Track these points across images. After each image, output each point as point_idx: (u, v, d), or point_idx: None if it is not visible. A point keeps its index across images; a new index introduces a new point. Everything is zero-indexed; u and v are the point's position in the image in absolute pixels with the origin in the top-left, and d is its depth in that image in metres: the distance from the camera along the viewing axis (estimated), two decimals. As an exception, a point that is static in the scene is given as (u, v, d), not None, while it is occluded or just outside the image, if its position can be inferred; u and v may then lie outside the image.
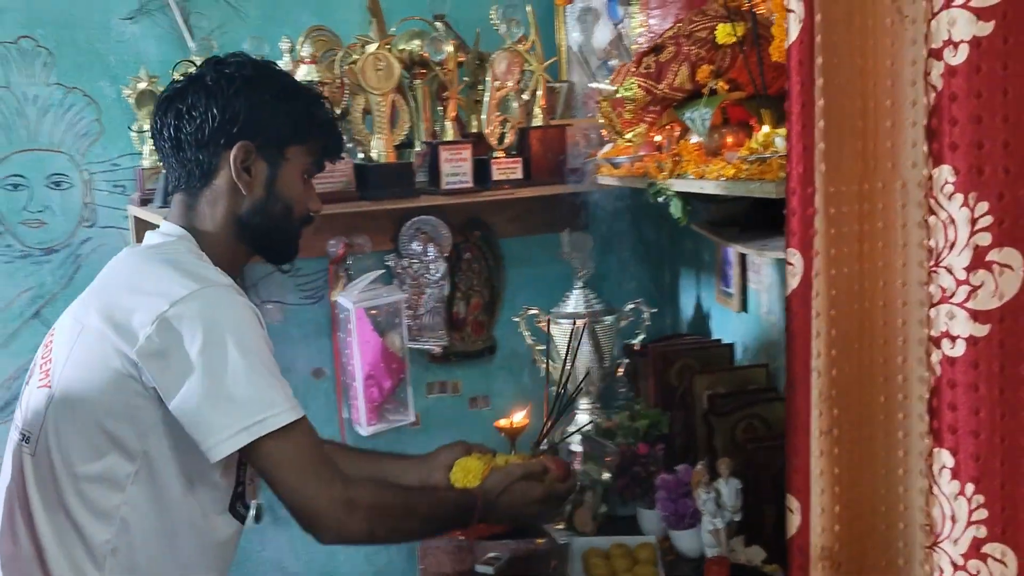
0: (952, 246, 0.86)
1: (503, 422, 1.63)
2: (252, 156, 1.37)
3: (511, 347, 2.39)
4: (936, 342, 0.90)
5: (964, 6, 0.82)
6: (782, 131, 1.30)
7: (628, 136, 1.53)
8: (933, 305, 0.89)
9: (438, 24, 2.09)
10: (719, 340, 2.19)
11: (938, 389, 0.90)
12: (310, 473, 1.30)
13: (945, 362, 0.89)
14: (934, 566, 0.92)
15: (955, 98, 0.84)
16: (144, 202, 1.91)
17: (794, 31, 0.93)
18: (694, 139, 1.48)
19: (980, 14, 0.80)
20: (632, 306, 2.21)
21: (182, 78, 1.40)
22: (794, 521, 0.98)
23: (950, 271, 0.87)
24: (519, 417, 1.63)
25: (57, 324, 1.42)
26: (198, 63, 1.83)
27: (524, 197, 2.11)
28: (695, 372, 2.00)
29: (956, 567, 0.89)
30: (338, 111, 1.89)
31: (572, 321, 2.15)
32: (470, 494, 1.47)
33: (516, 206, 2.29)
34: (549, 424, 1.61)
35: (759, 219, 1.66)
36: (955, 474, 0.89)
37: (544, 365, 2.28)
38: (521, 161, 2.01)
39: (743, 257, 2.05)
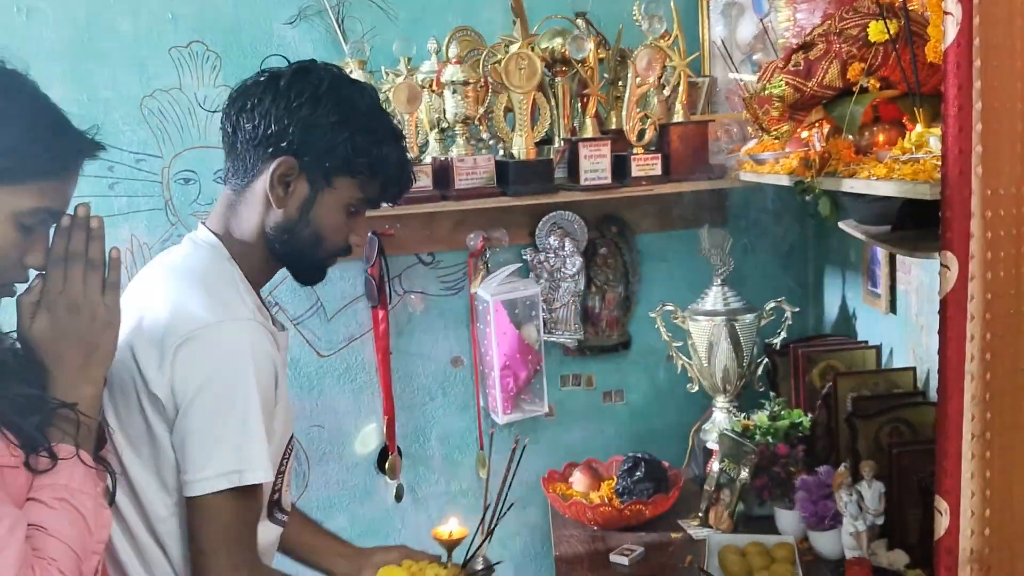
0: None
1: (441, 531, 1.65)
2: (294, 173, 1.33)
3: (646, 343, 2.43)
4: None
5: None
6: (936, 130, 1.30)
7: (774, 133, 1.55)
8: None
9: (579, 22, 2.15)
10: (865, 342, 2.17)
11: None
12: (232, 545, 1.27)
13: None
14: None
15: None
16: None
17: (951, 33, 0.94)
18: (844, 137, 1.50)
19: None
20: (773, 305, 2.21)
21: (262, 77, 1.35)
22: (943, 523, 1.00)
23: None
24: (456, 528, 1.64)
25: None
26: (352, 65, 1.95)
27: (662, 193, 2.16)
28: (839, 373, 1.99)
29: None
30: (481, 109, 1.98)
31: (709, 319, 2.20)
32: None
33: (654, 202, 2.33)
34: (482, 540, 1.57)
35: (910, 218, 1.65)
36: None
37: (680, 362, 2.34)
38: (660, 157, 2.05)
39: (892, 257, 2.03)
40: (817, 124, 1.56)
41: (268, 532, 1.41)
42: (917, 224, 1.63)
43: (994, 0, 0.94)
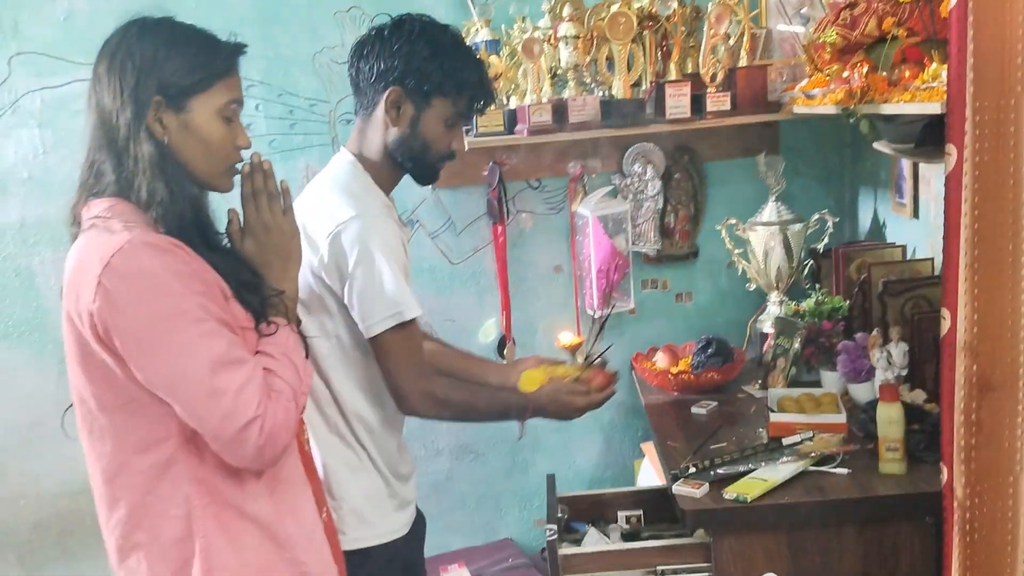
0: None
1: (563, 340, 2.19)
2: (402, 98, 1.72)
3: (711, 253, 2.95)
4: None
5: None
6: (946, 66, 1.80)
7: (826, 72, 2.05)
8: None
9: (662, -16, 2.65)
10: (893, 243, 2.68)
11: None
12: (410, 364, 1.71)
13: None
14: None
15: None
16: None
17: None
18: (880, 73, 2.00)
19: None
20: (817, 216, 2.72)
21: (375, 30, 1.76)
22: (945, 326, 1.51)
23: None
24: (574, 338, 2.21)
25: None
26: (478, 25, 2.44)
27: (726, 126, 2.66)
28: (872, 264, 2.50)
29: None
30: (588, 59, 2.50)
31: (766, 228, 2.71)
32: (524, 398, 1.88)
33: (719, 134, 2.83)
34: (593, 345, 2.10)
35: (929, 137, 2.16)
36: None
37: (741, 266, 2.86)
38: (729, 95, 2.55)
39: (916, 172, 2.53)
40: (858, 64, 2.06)
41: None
42: (934, 141, 2.15)
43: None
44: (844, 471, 1.95)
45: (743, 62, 2.58)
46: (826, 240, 2.71)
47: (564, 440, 2.93)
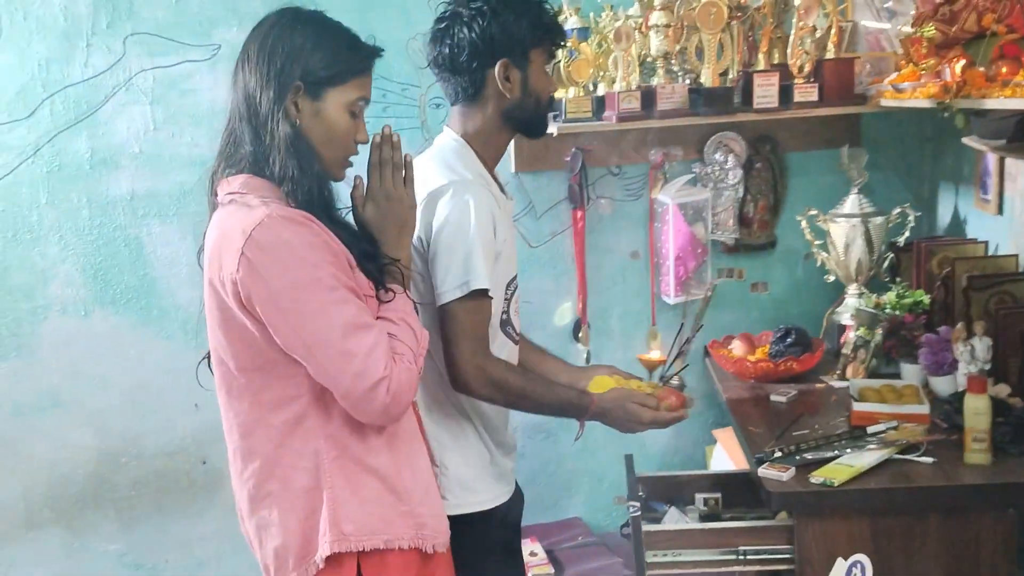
0: None
1: (645, 356, 2.20)
2: (508, 68, 1.78)
3: (788, 244, 2.97)
4: None
5: None
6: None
7: (923, 66, 2.07)
8: None
9: (747, -24, 2.68)
10: (975, 239, 2.68)
11: None
12: (471, 338, 1.74)
13: None
14: None
15: None
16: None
17: None
18: (978, 68, 2.01)
19: None
20: (899, 210, 2.73)
21: (446, 19, 1.80)
22: None
23: None
24: (656, 354, 2.20)
25: None
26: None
27: (809, 117, 2.68)
28: (957, 259, 2.51)
29: None
30: (677, 47, 2.54)
31: (847, 221, 2.73)
32: (588, 398, 1.87)
33: (800, 125, 2.84)
34: (673, 361, 2.06)
35: (1022, 135, 2.17)
36: None
37: (820, 257, 2.88)
38: (817, 87, 2.57)
39: (1002, 168, 2.53)
40: (955, 59, 2.07)
41: (504, 345, 1.88)
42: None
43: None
44: (929, 460, 1.98)
45: (830, 54, 2.60)
46: (907, 234, 2.72)
47: (636, 425, 2.99)
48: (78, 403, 2.83)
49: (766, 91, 2.52)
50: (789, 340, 2.62)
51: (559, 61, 2.46)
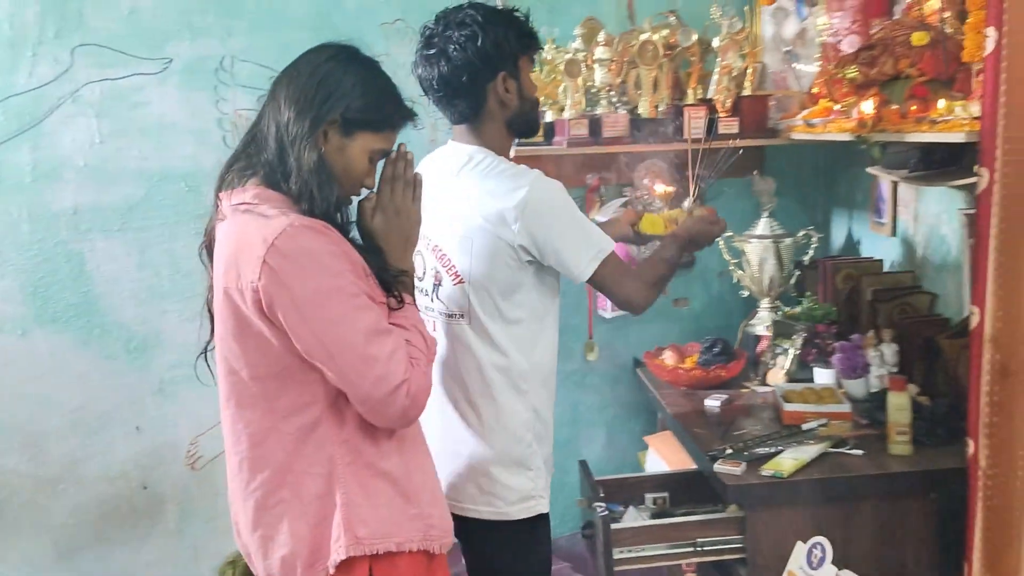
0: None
1: (659, 189, 2.57)
2: (507, 79, 1.89)
3: (705, 263, 3.21)
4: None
5: None
6: (959, 103, 2.10)
7: (844, 104, 2.34)
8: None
9: (672, 18, 2.92)
10: (871, 257, 3.00)
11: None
12: (627, 279, 1.97)
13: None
14: None
15: None
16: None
17: (991, 46, 1.72)
18: (892, 107, 2.29)
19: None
20: (804, 232, 3.02)
21: (436, 41, 1.88)
22: (974, 320, 1.80)
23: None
24: (662, 189, 2.58)
25: (435, 239, 1.96)
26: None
27: (722, 147, 2.93)
28: (863, 274, 2.81)
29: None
30: (618, 80, 2.73)
31: (760, 241, 2.99)
32: (679, 237, 2.13)
33: (716, 154, 3.10)
34: (695, 186, 2.41)
35: (922, 164, 2.47)
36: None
37: (736, 274, 3.12)
38: (737, 120, 2.83)
39: (895, 194, 2.86)
40: (873, 98, 2.35)
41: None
42: (926, 167, 2.46)
43: (1014, 29, 1.73)
44: (859, 452, 2.22)
45: (747, 92, 2.86)
46: (811, 253, 3.01)
47: (570, 436, 3.14)
48: (15, 427, 2.72)
49: (696, 123, 2.75)
50: (716, 350, 2.84)
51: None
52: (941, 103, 2.16)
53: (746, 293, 3.06)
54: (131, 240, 2.74)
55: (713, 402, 2.65)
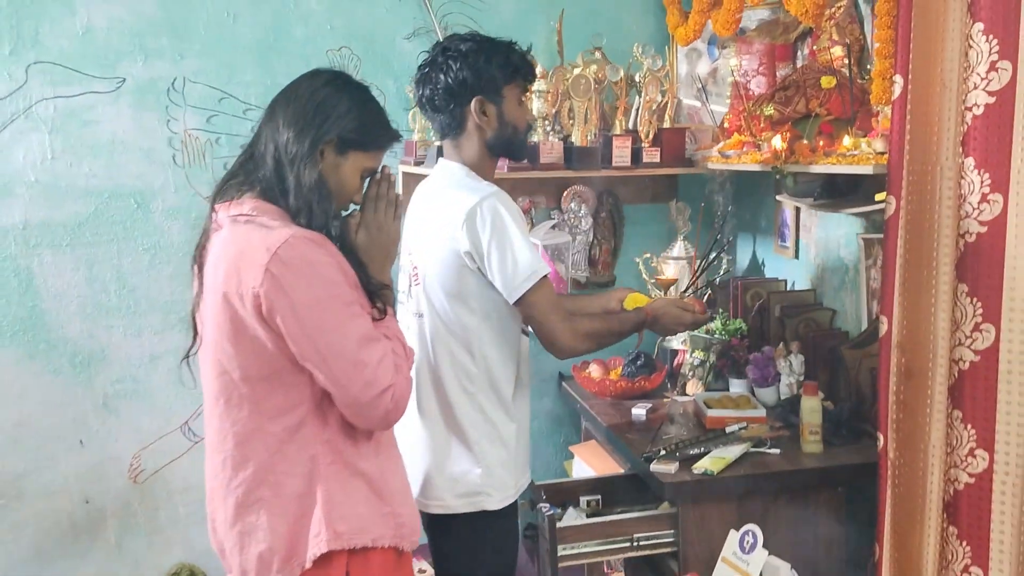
0: (967, 195, 1.92)
1: (660, 277, 2.72)
2: (484, 104, 2.01)
3: (624, 281, 3.39)
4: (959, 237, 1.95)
5: (977, 88, 1.88)
6: (864, 140, 2.36)
7: (762, 138, 2.57)
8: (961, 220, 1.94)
9: (597, 54, 3.12)
10: (776, 277, 3.26)
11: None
12: (555, 312, 2.00)
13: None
14: (958, 358, 1.96)
15: (976, 127, 1.89)
16: (417, 163, 2.89)
17: (898, 90, 1.97)
18: (804, 141, 2.54)
19: (990, 93, 1.85)
20: (715, 254, 3.26)
21: (426, 65, 2.04)
22: (883, 329, 2.03)
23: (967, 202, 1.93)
24: (670, 274, 2.68)
25: (411, 243, 2.11)
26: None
27: (641, 175, 3.14)
28: (771, 293, 3.05)
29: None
30: (553, 110, 2.90)
31: (679, 261, 3.21)
32: (643, 312, 2.24)
33: (635, 182, 3.31)
34: (695, 277, 2.56)
35: (825, 193, 2.74)
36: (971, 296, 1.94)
37: (655, 293, 3.32)
38: (659, 150, 3.04)
39: (798, 220, 3.12)
40: (787, 133, 2.59)
41: (523, 341, 2.14)
42: (829, 196, 2.72)
43: (919, 76, 1.97)
44: (776, 451, 2.43)
45: (667, 124, 3.08)
46: (721, 274, 3.25)
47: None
48: (-45, 442, 2.64)
49: (622, 152, 2.94)
50: (640, 362, 3.03)
51: (531, 93, 2.70)
52: (847, 139, 2.42)
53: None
54: (79, 256, 2.72)
55: (640, 411, 2.82)
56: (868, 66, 2.57)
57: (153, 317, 2.74)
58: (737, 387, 2.89)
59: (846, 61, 2.54)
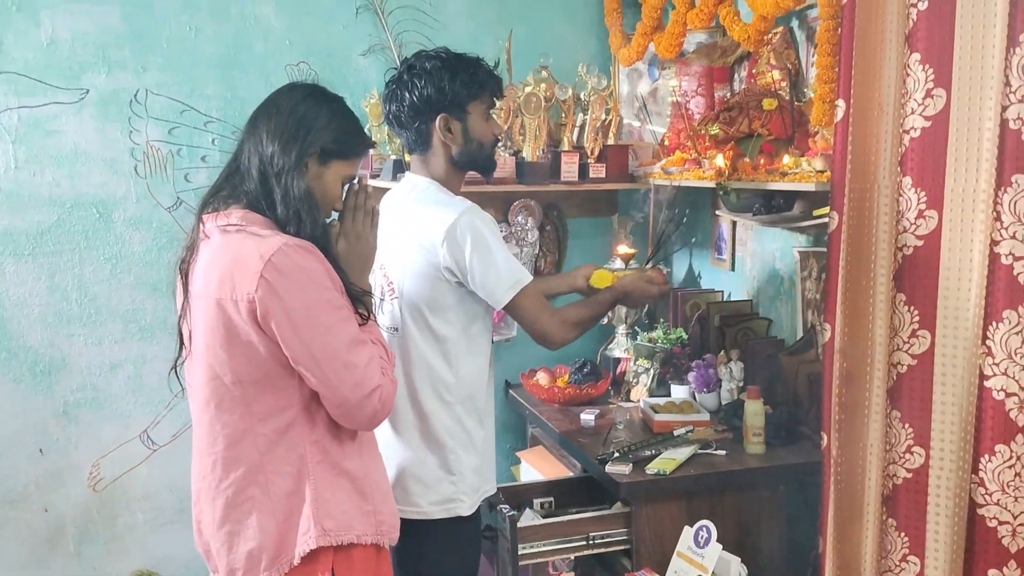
0: (905, 211, 2.06)
1: (621, 250, 2.83)
2: (448, 121, 2.04)
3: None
4: (896, 250, 2.08)
5: (914, 113, 2.02)
6: (804, 159, 2.50)
7: (707, 156, 2.69)
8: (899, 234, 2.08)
9: (544, 73, 3.20)
10: (713, 288, 3.39)
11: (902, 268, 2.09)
12: (542, 311, 2.12)
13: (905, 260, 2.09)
14: (896, 362, 2.10)
15: (913, 149, 2.03)
16: (373, 176, 2.91)
17: (840, 113, 2.10)
18: (747, 160, 2.67)
19: (926, 118, 2.00)
20: (652, 265, 3.37)
21: (393, 82, 2.08)
22: (826, 335, 2.15)
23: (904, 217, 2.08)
24: (625, 248, 2.81)
25: (382, 258, 2.07)
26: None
27: (584, 190, 3.22)
28: (708, 304, 3.18)
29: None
30: (506, 127, 2.96)
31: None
32: (615, 290, 2.36)
33: (579, 197, 3.40)
34: (652, 251, 2.69)
35: (764, 209, 2.87)
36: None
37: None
38: (604, 166, 3.14)
39: (734, 234, 3.27)
40: (730, 152, 2.72)
41: (491, 347, 2.21)
42: (767, 212, 2.86)
43: (859, 101, 2.11)
44: (722, 452, 2.54)
45: (612, 141, 3.19)
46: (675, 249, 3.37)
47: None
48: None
49: (570, 167, 3.03)
50: (586, 370, 3.11)
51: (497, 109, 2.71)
52: (786, 158, 2.56)
53: (604, 320, 3.35)
54: (41, 264, 2.68)
55: (588, 416, 2.90)
56: (804, 89, 2.73)
57: (114, 326, 2.69)
58: (679, 393, 3.00)
59: (783, 84, 2.69)
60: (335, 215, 1.85)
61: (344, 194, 1.82)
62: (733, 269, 3.26)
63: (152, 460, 2.77)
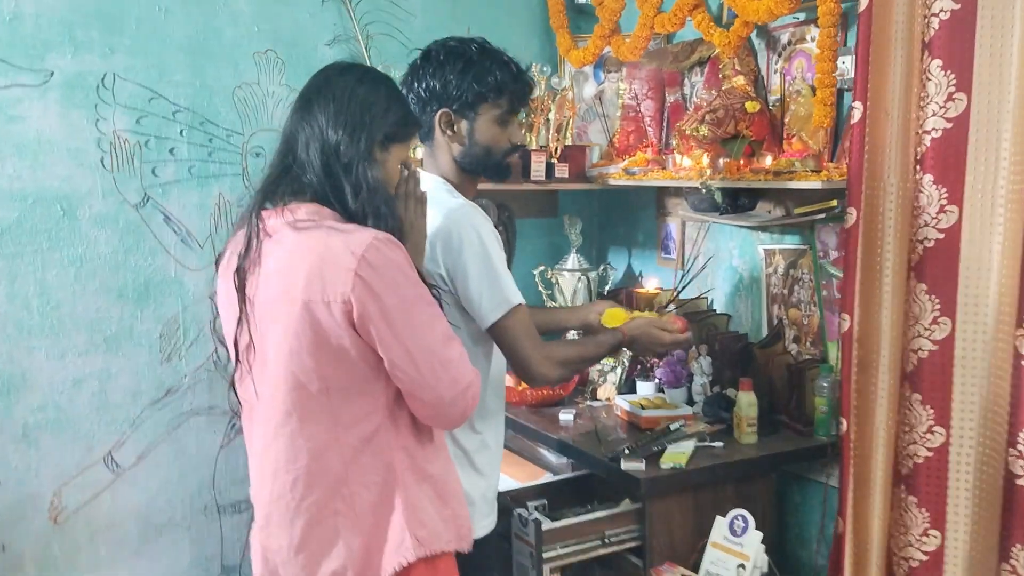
0: (926, 207, 2.17)
1: (639, 290, 2.67)
2: (452, 118, 1.87)
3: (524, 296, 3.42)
4: (917, 243, 2.19)
5: (935, 115, 2.14)
6: (797, 160, 2.58)
7: (693, 155, 2.72)
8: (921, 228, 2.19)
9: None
10: (662, 288, 3.43)
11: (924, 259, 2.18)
12: (528, 339, 1.87)
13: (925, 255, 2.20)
14: (917, 348, 2.21)
15: (935, 148, 2.14)
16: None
17: (857, 115, 2.19)
18: (732, 160, 2.72)
19: (947, 120, 2.11)
20: (604, 266, 3.38)
21: (411, 64, 1.93)
22: (844, 325, 2.22)
23: (926, 212, 2.19)
24: (652, 287, 2.69)
25: None
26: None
27: (534, 190, 3.18)
28: (669, 301, 3.19)
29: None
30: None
31: (576, 274, 3.27)
32: (619, 333, 2.11)
33: (532, 197, 3.34)
34: (676, 293, 2.55)
35: (732, 208, 2.94)
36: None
37: (550, 304, 3.36)
38: (567, 166, 3.10)
39: (683, 232, 3.32)
40: (705, 152, 2.75)
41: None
42: (733, 211, 2.93)
43: (875, 104, 2.20)
44: (720, 444, 2.57)
45: (570, 141, 3.16)
46: (609, 284, 3.37)
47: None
48: None
49: (539, 167, 2.97)
50: (555, 370, 3.06)
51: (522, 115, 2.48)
52: (768, 159, 2.63)
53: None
54: (1, 265, 2.29)
55: (567, 416, 2.85)
56: (766, 94, 2.82)
57: (77, 336, 2.33)
58: (645, 390, 3.01)
59: (749, 90, 2.76)
60: None
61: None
62: (683, 267, 3.32)
63: (116, 486, 2.42)
